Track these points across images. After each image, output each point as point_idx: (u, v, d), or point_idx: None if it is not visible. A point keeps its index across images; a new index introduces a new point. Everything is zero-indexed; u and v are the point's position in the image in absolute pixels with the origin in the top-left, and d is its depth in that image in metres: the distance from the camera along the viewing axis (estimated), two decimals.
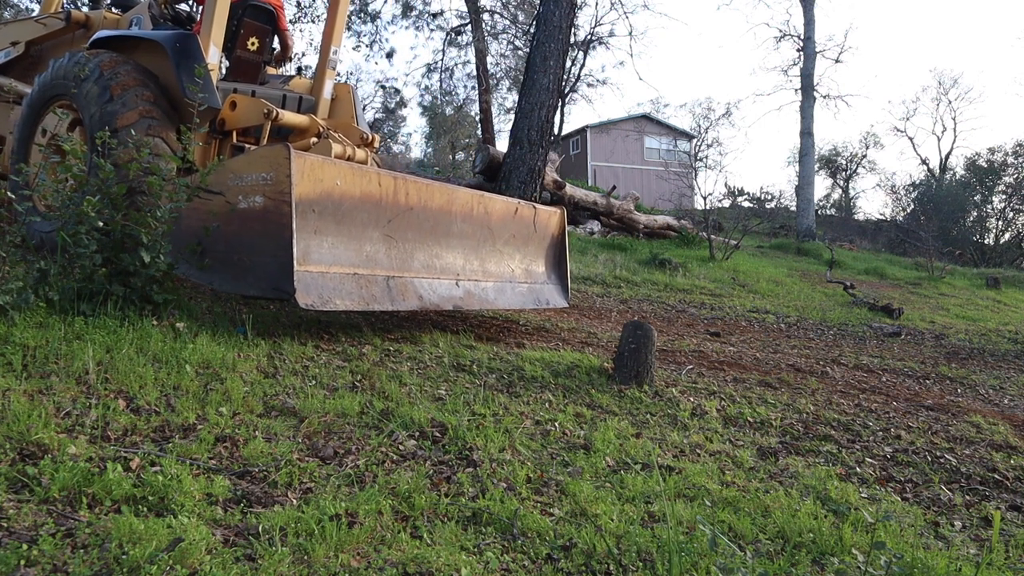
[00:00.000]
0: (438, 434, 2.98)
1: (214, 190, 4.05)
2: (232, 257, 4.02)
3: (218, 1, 5.21)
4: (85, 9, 8.67)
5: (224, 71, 5.74)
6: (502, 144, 21.59)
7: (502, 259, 5.65)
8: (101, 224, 3.71)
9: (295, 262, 3.78)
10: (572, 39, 16.50)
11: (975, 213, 28.35)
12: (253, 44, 5.83)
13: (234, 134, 5.47)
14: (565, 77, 25.79)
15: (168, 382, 3.02)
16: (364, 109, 6.45)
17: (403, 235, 4.71)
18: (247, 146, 5.48)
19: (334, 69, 6.19)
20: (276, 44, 6.23)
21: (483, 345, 4.88)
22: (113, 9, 6.26)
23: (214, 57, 5.23)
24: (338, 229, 4.22)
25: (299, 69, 6.50)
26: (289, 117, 5.29)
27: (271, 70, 6.33)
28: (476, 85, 26.84)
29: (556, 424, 3.39)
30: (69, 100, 5.14)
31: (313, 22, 21.87)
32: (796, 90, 24.57)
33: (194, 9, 6.18)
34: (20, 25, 6.72)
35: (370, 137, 5.65)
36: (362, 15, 25.35)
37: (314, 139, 5.45)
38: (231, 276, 4.02)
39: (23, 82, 6.33)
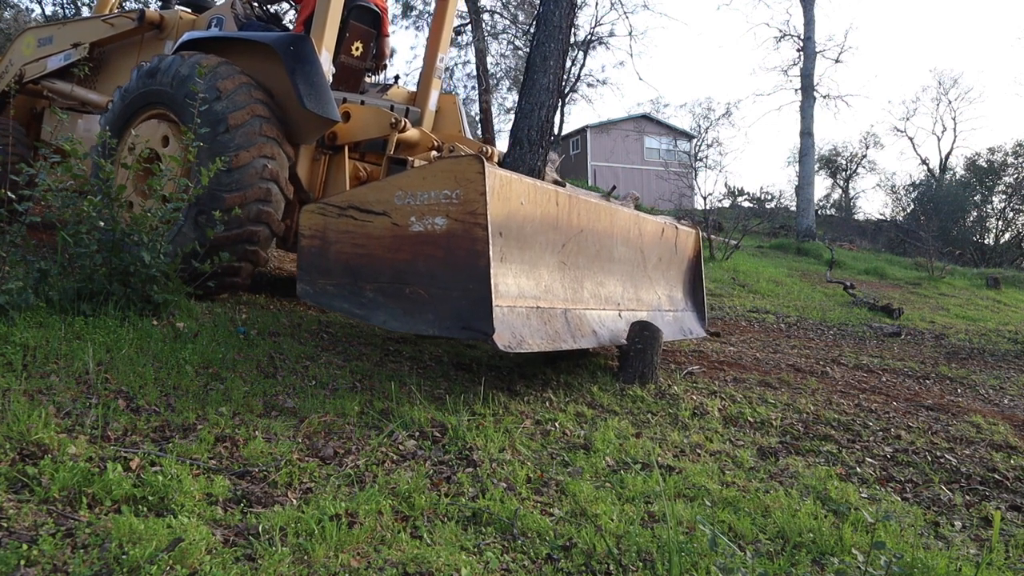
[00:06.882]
0: (438, 434, 2.98)
1: (375, 210, 3.52)
2: (402, 290, 3.46)
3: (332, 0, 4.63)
4: (153, 7, 8.20)
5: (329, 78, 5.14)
6: (502, 144, 21.54)
7: (651, 286, 5.07)
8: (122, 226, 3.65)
9: (493, 296, 3.19)
10: (572, 39, 16.49)
11: (975, 213, 28.36)
12: (357, 49, 5.27)
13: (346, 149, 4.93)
14: (565, 77, 25.80)
15: (168, 382, 3.02)
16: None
17: (574, 261, 4.17)
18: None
19: (439, 78, 5.70)
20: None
21: (483, 344, 4.87)
22: (185, 9, 5.80)
23: (325, 63, 4.67)
24: (521, 256, 3.67)
25: (396, 77, 6.05)
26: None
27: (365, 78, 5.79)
28: (476, 85, 26.84)
29: (556, 424, 3.39)
30: (166, 110, 4.51)
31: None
32: (796, 90, 24.52)
33: (283, 10, 5.68)
34: (83, 25, 6.27)
35: (489, 151, 5.08)
36: None
37: (434, 153, 4.91)
38: (401, 311, 3.46)
39: (83, 87, 5.94)
